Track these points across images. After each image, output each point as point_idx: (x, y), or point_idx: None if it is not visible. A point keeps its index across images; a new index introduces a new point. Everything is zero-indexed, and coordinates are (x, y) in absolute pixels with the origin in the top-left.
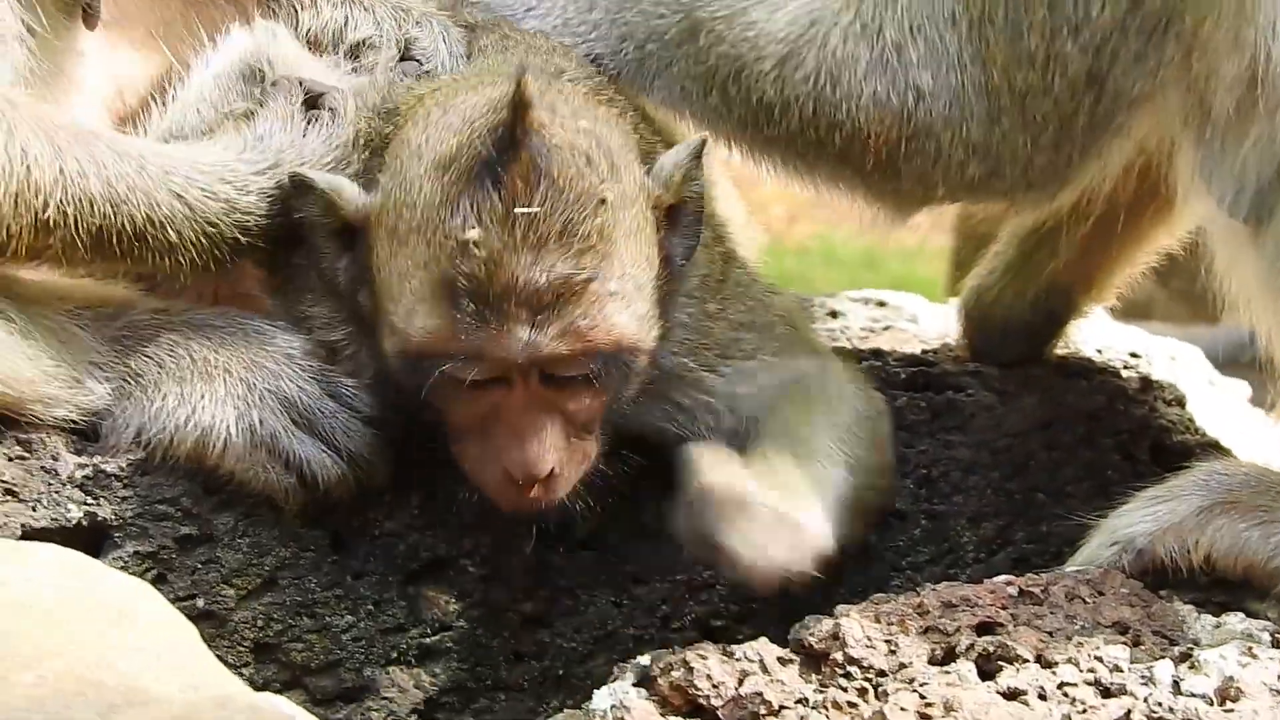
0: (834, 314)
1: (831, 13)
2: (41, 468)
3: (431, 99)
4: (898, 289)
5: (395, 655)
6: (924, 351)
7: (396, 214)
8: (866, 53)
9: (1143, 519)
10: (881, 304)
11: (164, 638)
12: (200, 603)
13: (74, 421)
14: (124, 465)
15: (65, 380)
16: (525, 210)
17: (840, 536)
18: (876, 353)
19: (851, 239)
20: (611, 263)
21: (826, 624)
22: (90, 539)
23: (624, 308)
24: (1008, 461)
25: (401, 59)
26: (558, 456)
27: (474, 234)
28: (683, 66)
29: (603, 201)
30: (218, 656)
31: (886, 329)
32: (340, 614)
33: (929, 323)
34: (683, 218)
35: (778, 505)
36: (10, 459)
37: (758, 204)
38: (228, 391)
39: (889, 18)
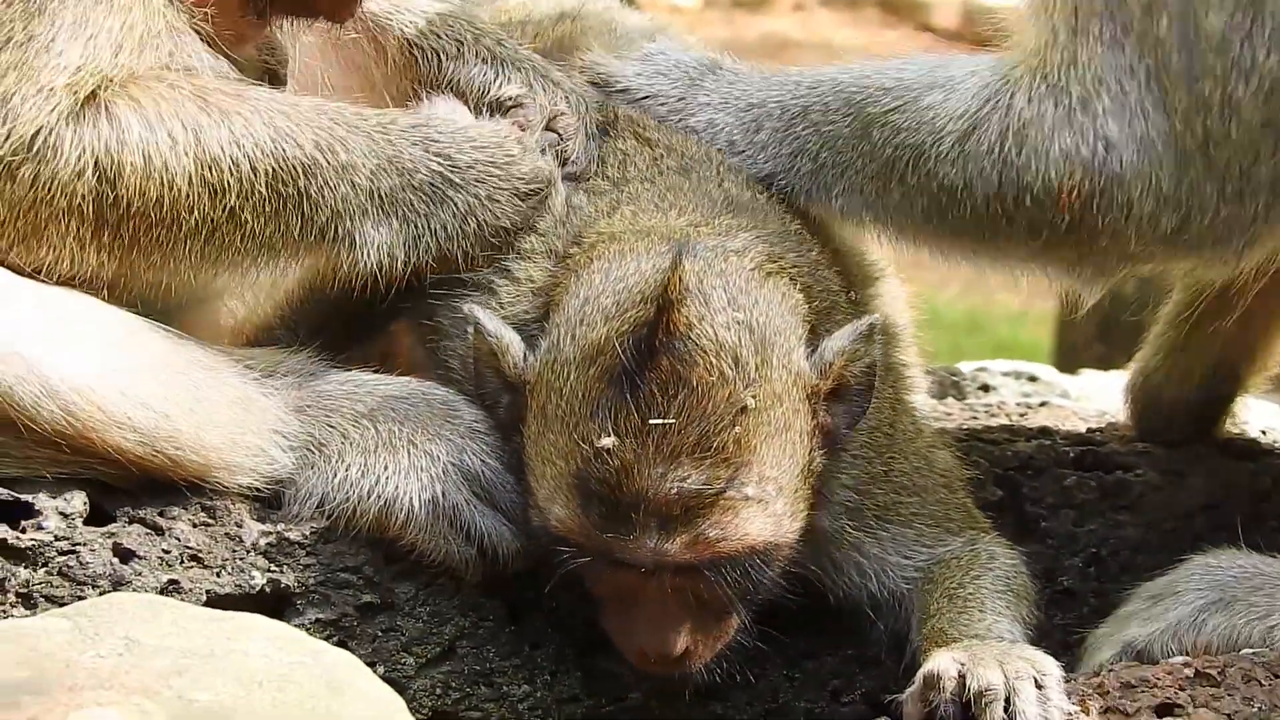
0: (985, 388)
1: (1014, 79)
2: (226, 534)
3: (599, 257)
4: (1002, 353)
5: None
6: (1090, 430)
7: (546, 394)
8: (1053, 109)
9: (1141, 622)
10: (1033, 379)
11: (377, 711)
12: (380, 670)
13: (258, 489)
14: (307, 533)
15: (250, 448)
16: (660, 422)
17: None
18: (1044, 431)
19: (955, 302)
20: (749, 469)
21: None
22: (273, 605)
23: (760, 512)
24: (1176, 541)
25: (545, 128)
26: (690, 639)
27: (608, 442)
28: (859, 167)
29: (744, 410)
30: None
31: (1043, 404)
32: (518, 683)
33: (1078, 396)
34: (848, 392)
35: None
36: (195, 525)
37: None
38: (411, 464)
39: (1073, 75)
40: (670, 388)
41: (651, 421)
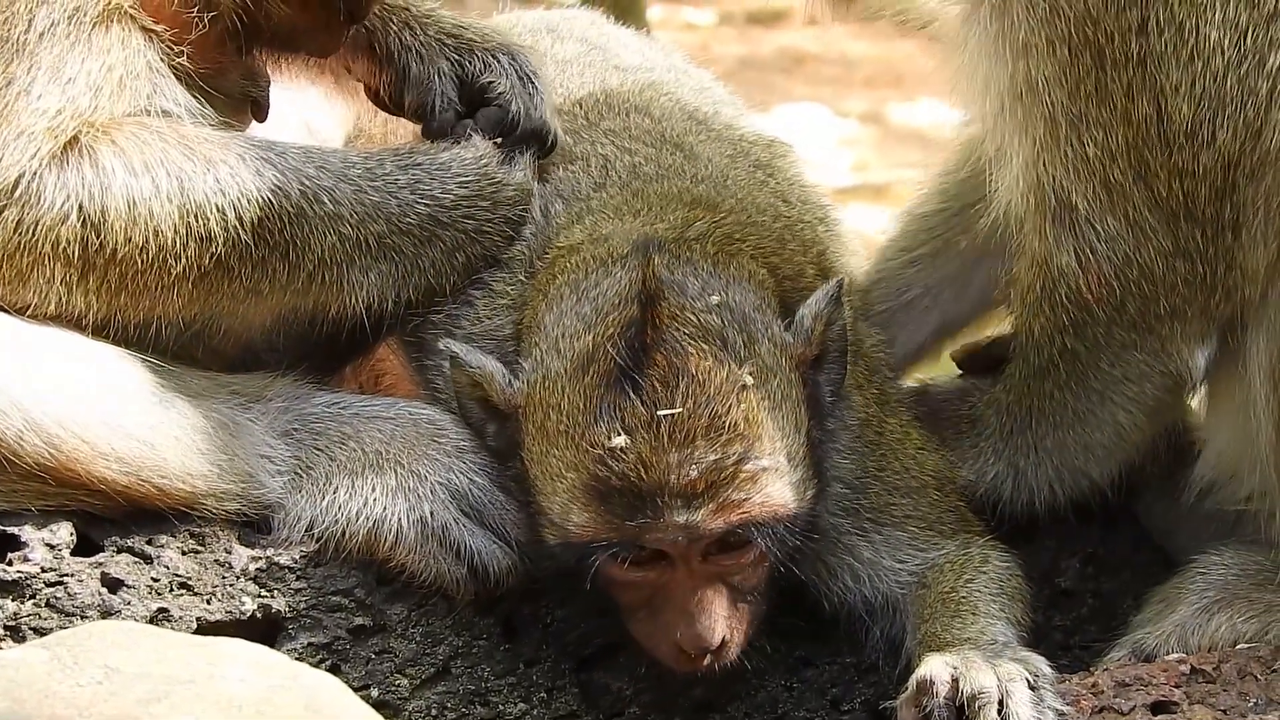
0: None
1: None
2: (215, 561)
3: (561, 271)
4: None
5: None
6: None
7: (543, 412)
8: (1060, 231)
9: (1149, 624)
10: None
11: None
12: (374, 693)
13: (246, 515)
14: (296, 557)
15: (238, 475)
16: (668, 413)
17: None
18: None
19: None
20: (760, 441)
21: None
22: (264, 631)
23: (777, 478)
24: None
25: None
26: (726, 625)
27: (620, 441)
28: None
29: (744, 387)
30: None
31: None
32: (513, 701)
33: None
34: (827, 358)
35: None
36: (185, 553)
37: None
38: (399, 484)
39: (1075, 188)
40: (672, 379)
41: (660, 413)
